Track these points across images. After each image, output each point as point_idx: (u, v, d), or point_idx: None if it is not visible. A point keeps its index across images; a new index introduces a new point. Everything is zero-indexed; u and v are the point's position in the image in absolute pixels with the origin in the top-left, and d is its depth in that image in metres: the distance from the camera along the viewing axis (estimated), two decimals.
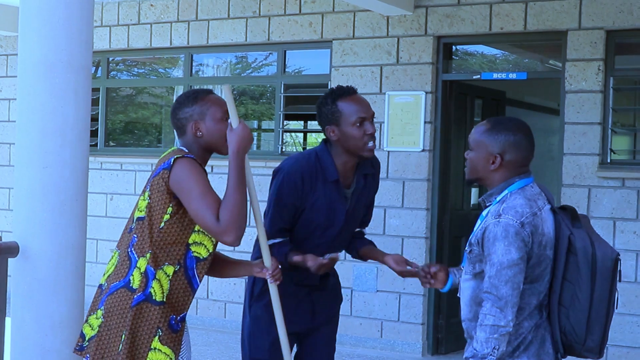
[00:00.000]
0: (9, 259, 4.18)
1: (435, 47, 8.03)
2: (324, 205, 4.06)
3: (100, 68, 10.06)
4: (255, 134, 9.71)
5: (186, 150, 3.63)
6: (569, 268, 3.32)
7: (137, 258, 3.53)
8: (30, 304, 4.12)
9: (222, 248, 3.91)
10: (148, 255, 3.51)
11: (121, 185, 9.65)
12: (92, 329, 3.58)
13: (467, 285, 3.43)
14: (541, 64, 8.59)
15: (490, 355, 3.25)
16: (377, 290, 8.18)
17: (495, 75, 8.01)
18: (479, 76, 8.07)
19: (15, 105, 8.26)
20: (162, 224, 3.53)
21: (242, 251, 5.23)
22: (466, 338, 3.49)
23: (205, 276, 3.79)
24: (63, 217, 4.12)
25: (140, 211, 3.57)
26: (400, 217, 8.06)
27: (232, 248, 6.00)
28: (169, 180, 3.50)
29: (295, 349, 4.25)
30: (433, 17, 7.97)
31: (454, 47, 8.22)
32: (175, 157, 3.53)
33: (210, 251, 3.64)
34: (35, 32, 4.12)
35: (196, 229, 3.59)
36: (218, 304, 9.02)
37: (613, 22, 7.25)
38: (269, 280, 3.80)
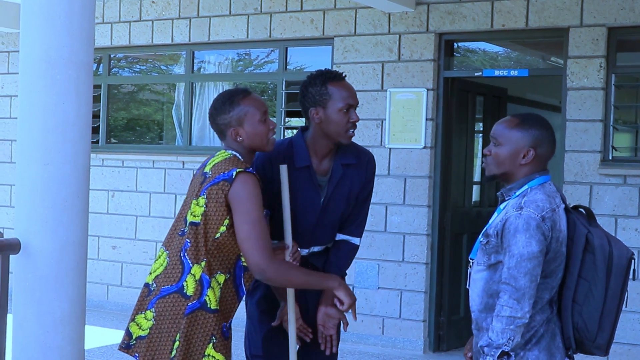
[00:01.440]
0: (11, 256, 4.18)
1: (437, 44, 8.02)
2: (296, 192, 4.00)
3: (101, 65, 10.06)
4: None
5: (242, 160, 3.64)
6: (585, 266, 3.37)
7: (191, 264, 3.56)
8: (32, 301, 4.12)
9: None
10: (203, 263, 3.55)
11: (123, 182, 9.65)
12: (140, 329, 3.61)
13: (479, 277, 3.44)
14: (543, 61, 8.58)
15: (505, 345, 3.28)
16: (379, 287, 8.18)
17: (496, 72, 8.00)
18: (480, 73, 8.06)
19: (16, 102, 8.26)
20: (218, 235, 3.56)
21: None
22: (473, 329, 3.52)
23: None
24: (64, 213, 4.12)
25: (195, 216, 3.58)
26: (402, 214, 8.06)
27: None
28: (228, 193, 3.52)
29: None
30: (434, 14, 7.97)
31: (455, 44, 8.22)
32: (237, 170, 3.54)
33: None
34: (36, 29, 4.12)
35: None
36: None
37: (615, 19, 7.24)
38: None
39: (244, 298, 4.16)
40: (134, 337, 3.62)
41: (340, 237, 4.18)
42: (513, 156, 3.45)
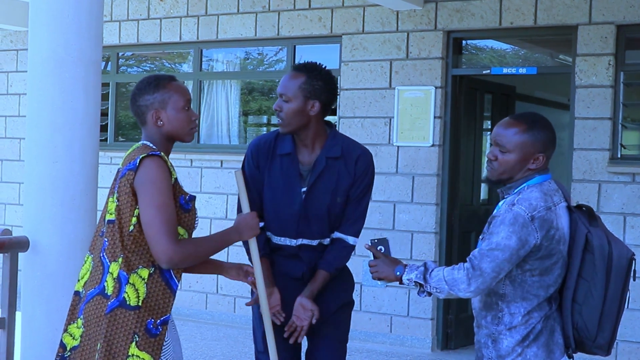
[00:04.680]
0: (19, 254, 4.19)
1: (445, 42, 8.01)
2: (280, 180, 4.05)
3: (109, 63, 10.07)
4: (264, 129, 9.72)
5: (151, 146, 3.47)
6: (585, 265, 3.36)
7: (109, 263, 3.39)
8: (41, 298, 4.14)
9: None
10: (120, 259, 3.36)
11: None
12: (73, 339, 3.45)
13: None
14: (551, 59, 8.57)
15: (429, 287, 3.41)
16: (387, 286, 8.13)
17: (505, 70, 7.99)
18: (488, 71, 8.05)
19: (25, 100, 8.28)
20: (132, 227, 3.37)
21: None
22: (475, 327, 3.53)
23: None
24: (73, 211, 4.13)
25: (110, 214, 3.42)
26: (410, 212, 8.05)
27: None
28: (133, 181, 3.35)
29: (305, 343, 4.25)
30: (443, 12, 7.96)
31: (463, 42, 8.20)
32: (141, 156, 3.37)
33: None
34: (45, 27, 4.13)
35: None
36: (227, 298, 9.03)
37: (624, 16, 7.22)
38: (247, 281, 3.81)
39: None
40: (68, 349, 3.46)
41: (335, 234, 4.18)
42: (523, 163, 3.42)
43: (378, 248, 3.64)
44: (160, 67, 10.29)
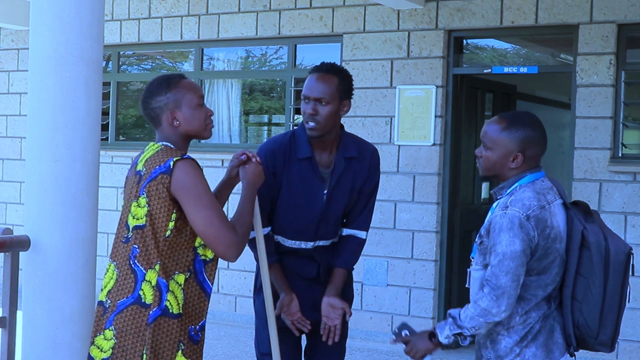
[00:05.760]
0: (20, 253, 4.19)
1: (446, 41, 8.01)
2: (299, 184, 4.01)
3: (111, 62, 10.07)
4: (265, 128, 9.72)
5: (173, 148, 3.42)
6: (582, 262, 3.34)
7: (144, 271, 3.29)
8: (42, 298, 4.14)
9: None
10: (157, 266, 3.28)
11: None
12: (102, 352, 3.34)
13: (477, 276, 3.45)
14: (552, 58, 8.56)
15: (467, 330, 3.33)
16: (388, 285, 8.18)
17: (506, 69, 7.99)
18: (489, 70, 8.05)
19: (26, 100, 8.28)
20: (168, 233, 3.30)
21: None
22: None
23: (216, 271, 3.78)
24: (74, 210, 4.13)
25: (138, 219, 3.33)
26: (411, 211, 8.05)
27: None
28: (170, 185, 3.28)
29: (304, 342, 4.25)
30: (444, 11, 7.96)
31: (464, 41, 8.20)
32: (174, 159, 3.31)
33: None
34: (46, 26, 4.13)
35: None
36: (229, 297, 9.03)
37: (625, 15, 7.22)
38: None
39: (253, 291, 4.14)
40: None
41: (346, 232, 4.18)
42: (502, 160, 3.43)
43: (403, 334, 3.63)
44: (161, 66, 10.29)
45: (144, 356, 3.24)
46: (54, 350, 4.12)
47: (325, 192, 4.07)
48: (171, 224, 3.30)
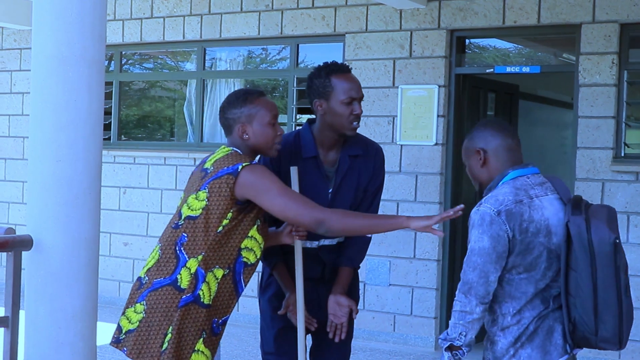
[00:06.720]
0: (23, 252, 4.19)
1: (449, 41, 8.01)
2: (304, 183, 4.01)
3: (113, 62, 10.08)
4: None
5: (241, 153, 3.65)
6: (571, 256, 3.30)
7: (187, 258, 3.54)
8: (44, 297, 4.13)
9: None
10: (200, 257, 3.53)
11: (134, 179, 9.67)
12: (130, 323, 3.58)
13: None
14: (555, 58, 8.56)
15: (457, 340, 3.32)
16: (390, 284, 8.18)
17: (508, 69, 7.98)
18: (492, 70, 8.04)
19: (28, 99, 8.29)
20: (220, 228, 3.55)
21: None
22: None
23: None
24: (76, 210, 4.13)
25: (193, 210, 3.57)
26: (413, 210, 8.05)
27: None
28: (234, 186, 3.51)
29: (310, 341, 4.25)
30: (446, 11, 7.95)
31: (467, 41, 8.20)
32: (243, 164, 3.54)
33: (257, 257, 3.68)
34: (48, 26, 4.13)
35: (250, 234, 3.61)
36: None
37: (627, 15, 7.21)
38: (294, 238, 3.89)
39: (257, 290, 4.18)
40: (123, 331, 3.60)
41: None
42: (474, 167, 3.51)
43: None
44: (163, 65, 10.30)
45: (169, 335, 3.48)
46: (56, 350, 4.12)
47: (330, 190, 4.07)
48: (225, 222, 3.54)
